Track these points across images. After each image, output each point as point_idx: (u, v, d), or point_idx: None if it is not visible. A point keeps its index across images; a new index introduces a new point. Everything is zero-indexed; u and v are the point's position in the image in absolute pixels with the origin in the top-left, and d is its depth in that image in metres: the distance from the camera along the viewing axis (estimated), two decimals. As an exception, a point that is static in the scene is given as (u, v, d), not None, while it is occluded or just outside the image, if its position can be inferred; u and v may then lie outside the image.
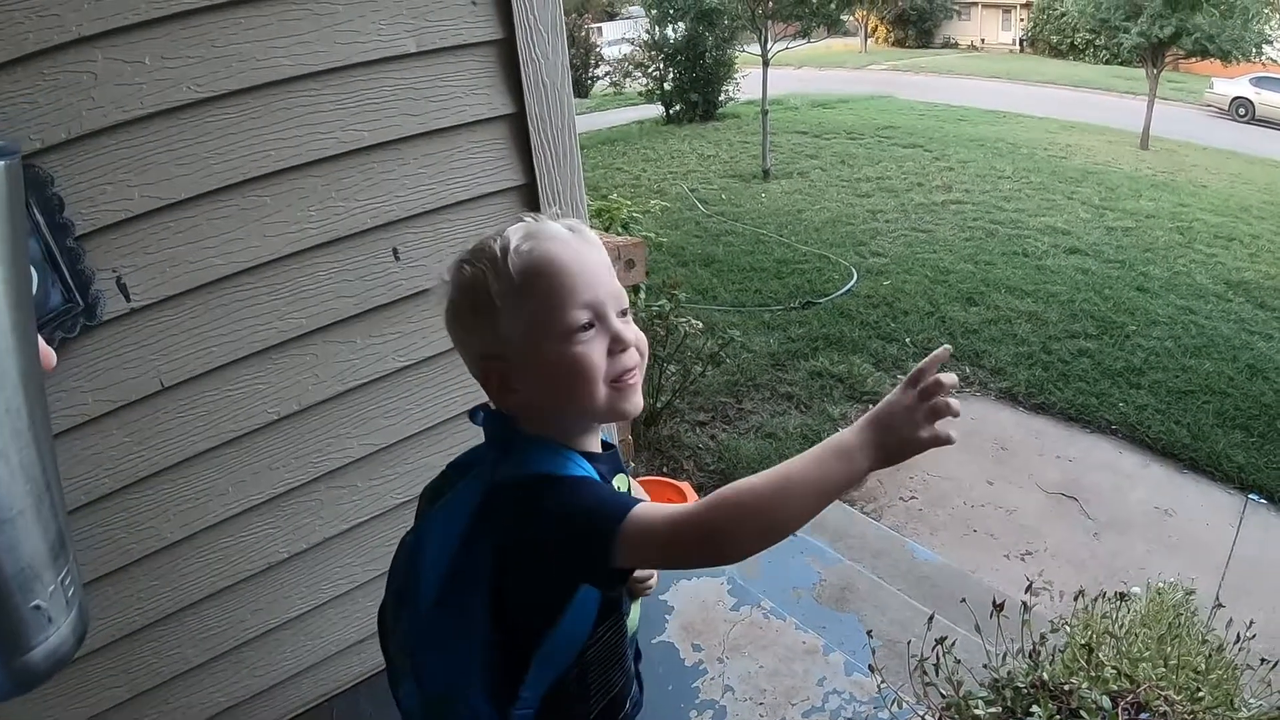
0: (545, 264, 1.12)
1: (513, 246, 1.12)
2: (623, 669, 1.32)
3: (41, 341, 0.57)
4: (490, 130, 2.04)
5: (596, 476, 1.18)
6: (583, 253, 1.15)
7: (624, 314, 1.18)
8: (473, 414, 1.25)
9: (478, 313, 1.15)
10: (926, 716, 1.59)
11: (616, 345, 1.15)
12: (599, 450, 1.26)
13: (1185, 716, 1.45)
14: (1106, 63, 26.26)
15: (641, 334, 1.20)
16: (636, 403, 1.22)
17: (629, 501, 1.09)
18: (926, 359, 1.03)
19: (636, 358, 1.19)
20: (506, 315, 1.13)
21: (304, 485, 2.08)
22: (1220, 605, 1.80)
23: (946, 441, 1.01)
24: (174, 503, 1.94)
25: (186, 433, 1.89)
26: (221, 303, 1.84)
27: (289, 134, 1.79)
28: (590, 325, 1.13)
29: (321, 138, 1.83)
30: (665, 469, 5.00)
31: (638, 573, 1.31)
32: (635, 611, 1.41)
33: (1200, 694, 1.54)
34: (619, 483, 1.27)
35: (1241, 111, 20.53)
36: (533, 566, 1.13)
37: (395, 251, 2.00)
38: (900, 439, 1.02)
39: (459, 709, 1.22)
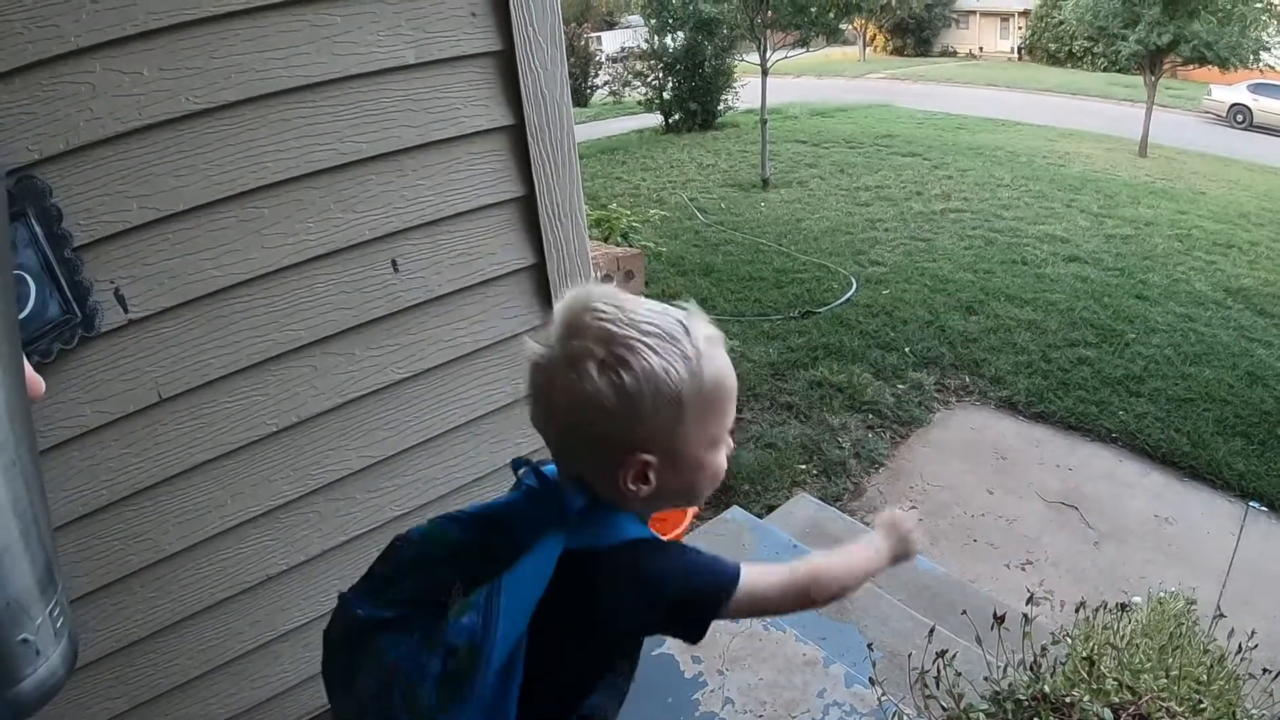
0: (727, 376, 1.15)
1: (701, 347, 1.11)
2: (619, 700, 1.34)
3: (29, 369, 0.57)
4: (489, 142, 2.04)
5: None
6: (730, 371, 1.17)
7: None
8: (522, 470, 1.22)
9: (656, 405, 1.08)
10: (928, 729, 1.58)
11: (728, 451, 1.23)
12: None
13: (1187, 728, 1.45)
14: (1105, 70, 26.33)
15: None
16: None
17: (734, 562, 1.17)
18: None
19: None
20: (686, 414, 1.10)
21: (302, 497, 2.08)
22: (1221, 615, 1.79)
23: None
24: (172, 515, 1.93)
25: (185, 444, 1.89)
26: (220, 314, 1.83)
27: (287, 145, 1.79)
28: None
29: (320, 149, 1.82)
30: (667, 479, 4.99)
31: None
32: None
33: (1202, 705, 1.54)
34: None
35: (1239, 118, 20.61)
36: (607, 631, 1.16)
37: (394, 263, 2.00)
38: (904, 553, 1.37)
39: None
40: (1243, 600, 4.07)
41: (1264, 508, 5.00)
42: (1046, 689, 1.57)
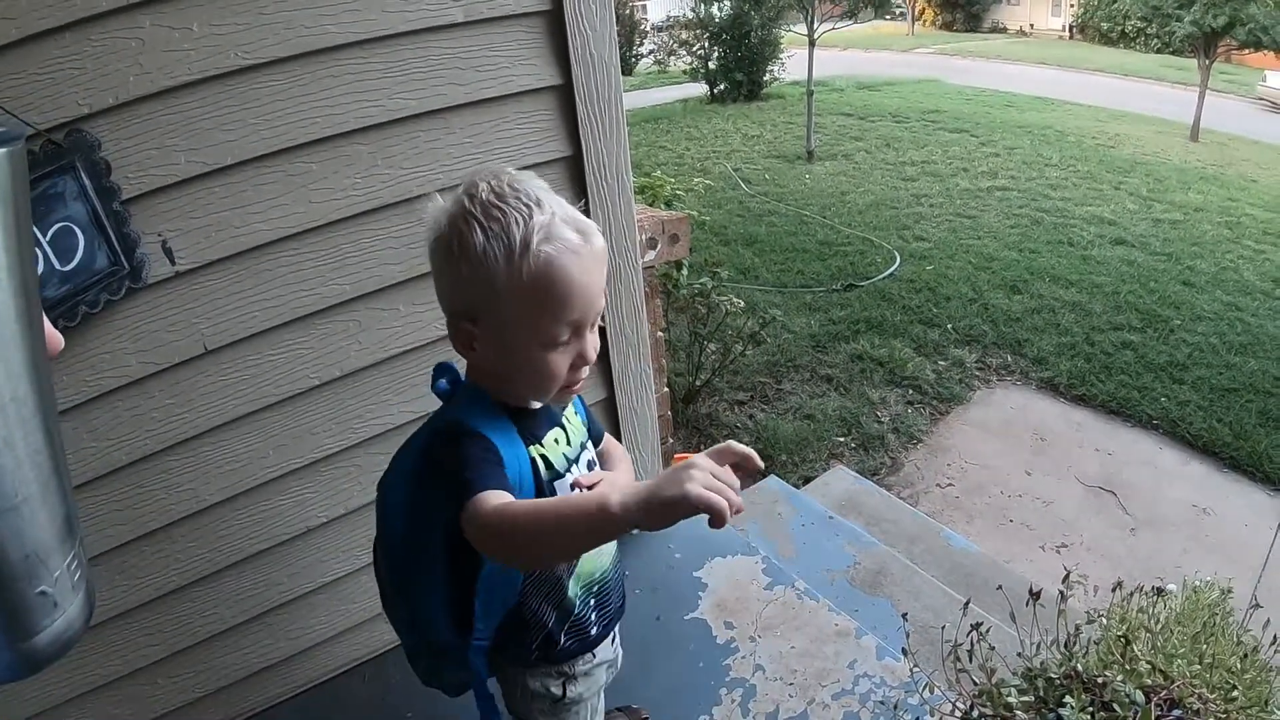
0: (558, 277, 1.16)
1: (534, 246, 1.14)
2: (559, 606, 1.41)
3: (49, 326, 0.57)
4: (537, 101, 2.04)
5: (515, 434, 1.28)
6: (590, 270, 1.20)
7: (593, 324, 1.27)
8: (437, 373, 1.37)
9: (473, 280, 1.17)
10: (957, 703, 1.58)
11: (580, 360, 1.26)
12: (533, 407, 1.35)
13: (1219, 716, 1.43)
14: (1158, 52, 25.75)
15: (598, 342, 1.29)
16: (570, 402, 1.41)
17: (488, 482, 1.15)
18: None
19: (588, 370, 1.30)
20: (500, 300, 1.17)
21: (344, 451, 2.10)
22: (1257, 606, 1.76)
23: (719, 510, 0.91)
24: (214, 465, 1.96)
25: (228, 396, 1.91)
26: (266, 268, 1.85)
27: (336, 101, 1.79)
28: (568, 340, 1.22)
29: (368, 106, 1.83)
30: (703, 447, 4.97)
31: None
32: (601, 553, 1.49)
33: (1234, 694, 1.52)
34: (554, 435, 1.36)
35: (1295, 106, 20.05)
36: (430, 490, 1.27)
37: (441, 221, 2.00)
38: (666, 496, 0.94)
39: (432, 637, 1.44)
40: (1279, 594, 4.01)
41: (1306, 502, 4.90)
42: (1079, 668, 1.56)
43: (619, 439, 2.46)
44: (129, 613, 1.98)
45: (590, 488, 1.34)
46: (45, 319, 0.56)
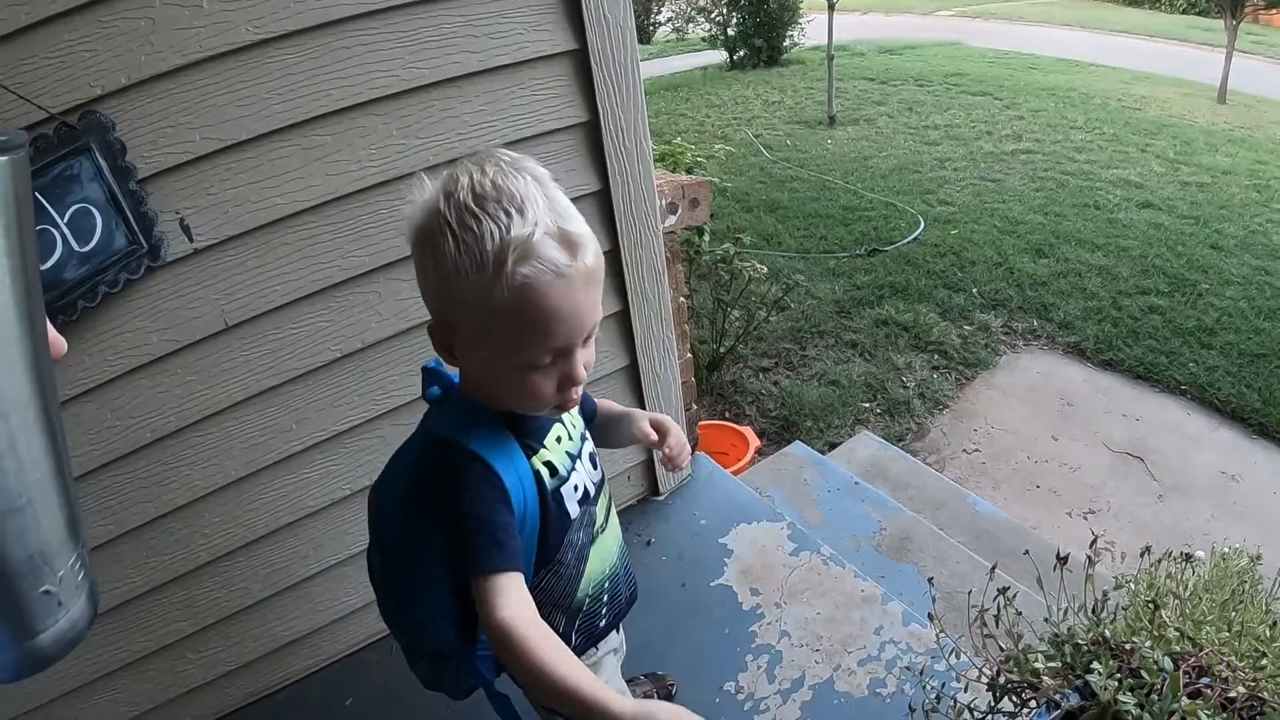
0: (535, 304, 1.06)
1: (509, 266, 1.03)
2: (565, 612, 1.37)
3: (52, 330, 0.57)
4: (552, 67, 2.02)
5: (515, 447, 1.23)
6: (577, 292, 1.09)
7: (588, 339, 1.17)
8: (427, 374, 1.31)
9: (444, 289, 1.10)
10: (984, 669, 1.57)
11: (567, 382, 1.17)
12: (534, 414, 1.27)
13: (1248, 683, 1.41)
14: (1183, 12, 25.23)
15: (592, 356, 1.21)
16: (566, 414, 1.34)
17: (496, 558, 1.12)
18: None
19: (581, 388, 1.21)
20: (474, 317, 1.10)
21: (367, 422, 2.11)
22: (1288, 573, 1.74)
23: None
24: (238, 440, 1.98)
25: (251, 370, 1.92)
26: (284, 242, 1.85)
27: (348, 73, 1.78)
28: (551, 362, 1.14)
29: (381, 76, 1.82)
30: (728, 414, 5.00)
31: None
32: (608, 551, 1.45)
33: (1263, 662, 1.50)
34: (555, 434, 1.32)
35: (1325, 68, 19.61)
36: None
37: (458, 189, 1.99)
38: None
39: (432, 647, 1.37)
40: (1309, 561, 3.98)
41: (1334, 472, 4.83)
42: (1107, 634, 1.55)
43: (643, 406, 2.45)
44: (159, 588, 2.01)
45: None
46: (49, 323, 0.56)
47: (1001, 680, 1.54)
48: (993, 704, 1.55)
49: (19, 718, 1.93)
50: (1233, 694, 1.37)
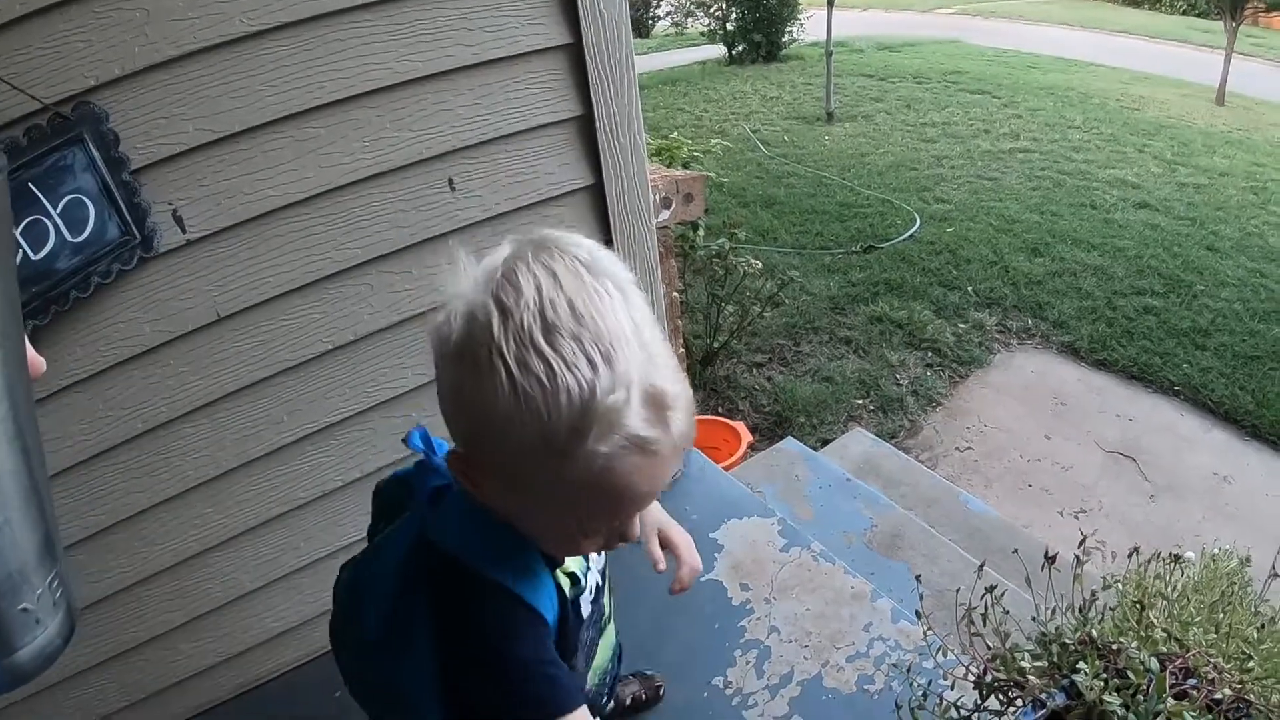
0: (613, 486, 0.85)
1: (588, 444, 0.80)
2: None
3: (31, 350, 0.57)
4: (547, 61, 2.01)
5: (539, 561, 1.03)
6: (663, 469, 0.88)
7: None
8: (411, 438, 1.09)
9: (485, 434, 0.85)
10: (971, 667, 1.58)
11: (617, 542, 1.01)
12: None
13: (1234, 685, 1.42)
14: (1183, 13, 25.23)
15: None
16: None
17: (573, 701, 0.96)
18: None
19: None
20: (531, 478, 0.86)
21: (359, 414, 2.12)
22: (1276, 575, 1.75)
23: None
24: (230, 431, 1.98)
25: (243, 362, 1.92)
26: (277, 233, 1.85)
27: (342, 65, 1.78)
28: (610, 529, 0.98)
29: (375, 69, 1.81)
30: (720, 409, 5.01)
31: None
32: (610, 637, 1.39)
33: (1250, 664, 1.51)
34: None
35: (1324, 71, 19.63)
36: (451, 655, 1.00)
37: (451, 182, 1.99)
38: None
39: None
40: (1300, 563, 3.99)
41: (1326, 476, 4.84)
42: (1094, 634, 1.55)
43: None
44: (149, 579, 2.02)
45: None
46: (28, 343, 0.57)
47: (988, 679, 1.55)
48: (979, 702, 1.56)
49: (7, 708, 1.93)
50: (1219, 695, 1.38)
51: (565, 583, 1.08)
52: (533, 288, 0.81)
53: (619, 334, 0.81)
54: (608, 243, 2.26)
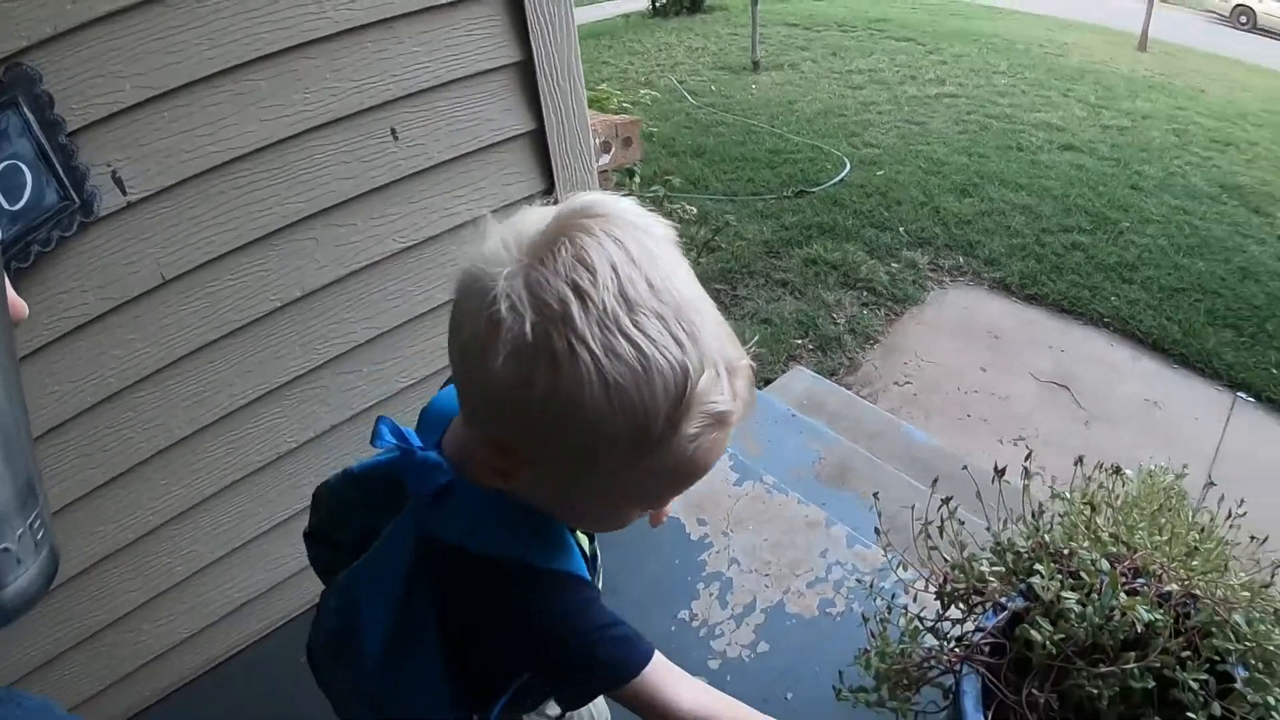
0: (692, 464, 0.81)
1: (683, 428, 0.77)
2: None
3: (12, 292, 0.57)
4: (486, 6, 1.99)
5: (565, 531, 0.99)
6: (726, 443, 0.85)
7: None
8: (379, 435, 0.96)
9: (550, 428, 0.77)
10: (931, 580, 1.63)
11: (656, 514, 1.02)
12: None
13: (1181, 581, 1.49)
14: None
15: None
16: None
17: (647, 650, 0.95)
18: None
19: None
20: (588, 470, 0.82)
21: (310, 372, 2.09)
22: (1212, 484, 1.82)
23: None
24: (181, 397, 1.94)
25: (191, 325, 1.88)
26: (219, 190, 1.81)
27: (280, 15, 1.74)
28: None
29: (314, 18, 1.77)
30: (662, 355, 5.03)
31: None
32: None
33: (1194, 562, 1.59)
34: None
35: (1243, 20, 20.04)
36: (503, 652, 0.97)
37: (394, 131, 1.97)
38: None
39: None
40: (1228, 485, 4.14)
41: (1251, 399, 5.08)
42: (1046, 539, 1.62)
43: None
44: (108, 558, 1.97)
45: None
46: (8, 284, 0.56)
47: (948, 588, 1.61)
48: (940, 611, 1.62)
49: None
50: (1167, 590, 1.45)
51: (584, 540, 1.07)
52: (607, 266, 0.74)
53: (694, 304, 0.78)
54: (550, 188, 2.26)
